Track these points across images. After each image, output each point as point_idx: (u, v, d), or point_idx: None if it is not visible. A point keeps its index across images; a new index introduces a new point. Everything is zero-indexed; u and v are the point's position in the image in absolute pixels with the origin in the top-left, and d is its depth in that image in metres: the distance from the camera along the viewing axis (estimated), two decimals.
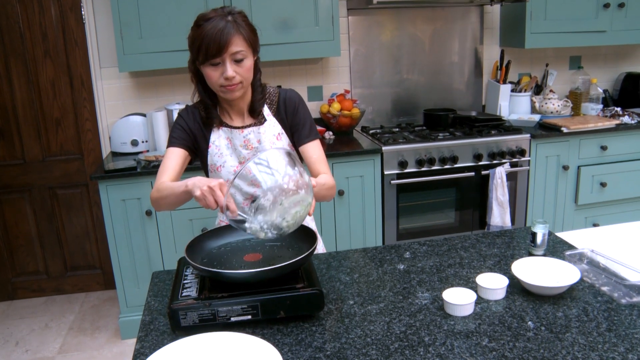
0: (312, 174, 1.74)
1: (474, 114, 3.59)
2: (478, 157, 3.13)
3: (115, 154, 3.17)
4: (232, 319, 1.31)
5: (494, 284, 1.43)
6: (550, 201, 3.32)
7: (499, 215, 3.17)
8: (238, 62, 1.57)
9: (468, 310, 1.36)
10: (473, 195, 3.22)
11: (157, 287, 1.59)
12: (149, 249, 2.92)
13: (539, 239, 1.61)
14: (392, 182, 3.07)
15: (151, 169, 2.82)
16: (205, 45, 1.54)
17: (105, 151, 3.31)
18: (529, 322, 1.32)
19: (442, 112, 3.43)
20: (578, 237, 1.82)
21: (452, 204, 3.23)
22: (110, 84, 3.24)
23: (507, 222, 3.17)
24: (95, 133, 3.31)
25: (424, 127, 3.47)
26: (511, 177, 3.18)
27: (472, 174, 3.16)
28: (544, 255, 1.63)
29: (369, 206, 3.08)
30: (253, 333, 1.31)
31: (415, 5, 3.49)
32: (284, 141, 1.75)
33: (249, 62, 1.60)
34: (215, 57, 1.55)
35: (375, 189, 3.07)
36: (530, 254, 1.64)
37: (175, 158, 1.69)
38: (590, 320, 1.32)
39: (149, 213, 2.86)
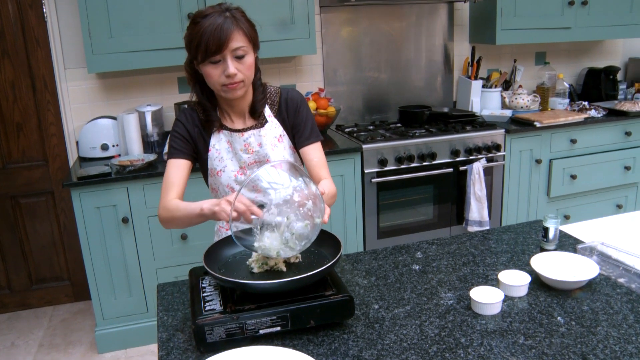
0: (313, 178, 1.67)
1: (446, 110, 3.63)
2: (455, 153, 3.16)
3: (83, 159, 3.01)
4: (261, 331, 1.25)
5: (516, 280, 1.43)
6: (524, 194, 3.39)
7: (477, 210, 3.21)
8: (239, 58, 1.51)
9: (496, 308, 1.36)
10: (451, 191, 3.25)
11: (165, 300, 1.51)
12: (125, 257, 2.79)
13: (551, 234, 1.63)
14: (372, 180, 3.05)
15: (126, 174, 2.69)
16: (205, 43, 1.47)
17: (73, 157, 3.14)
18: (559, 318, 1.32)
19: (417, 109, 3.44)
20: (579, 230, 1.85)
21: (431, 200, 3.25)
22: (76, 86, 3.07)
23: (485, 217, 3.21)
24: (61, 138, 3.13)
25: (399, 125, 3.48)
26: (487, 172, 3.23)
27: (450, 170, 3.19)
28: (556, 249, 1.65)
29: (350, 205, 3.05)
30: (283, 345, 1.26)
31: (386, 3, 3.49)
32: (286, 143, 1.69)
33: (250, 59, 1.54)
34: (215, 54, 1.48)
35: (356, 187, 3.05)
36: (542, 249, 1.65)
37: (179, 171, 1.61)
38: (616, 313, 1.34)
39: (125, 220, 2.73)
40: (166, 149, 2.85)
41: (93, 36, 2.71)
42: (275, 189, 1.33)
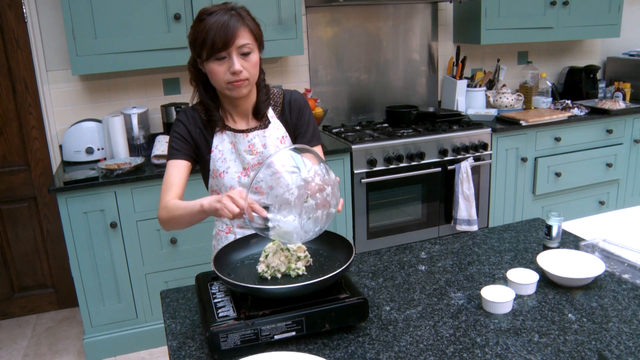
0: None
1: (431, 109, 3.65)
2: (443, 152, 3.18)
3: (67, 164, 2.94)
4: (276, 337, 1.23)
5: (525, 279, 1.44)
6: (510, 192, 3.43)
7: (465, 209, 3.23)
8: (245, 55, 1.49)
9: (508, 307, 1.36)
10: (439, 190, 3.26)
11: (171, 307, 1.48)
12: (114, 263, 2.73)
13: (554, 232, 1.64)
14: (362, 180, 3.05)
15: (114, 178, 2.63)
16: (211, 39, 1.45)
17: (56, 161, 3.06)
18: (570, 315, 1.33)
19: (404, 109, 3.45)
20: (576, 227, 1.87)
21: (419, 199, 3.26)
22: (58, 88, 3.00)
23: (473, 216, 3.24)
24: (43, 142, 3.05)
25: (386, 125, 3.48)
26: (474, 170, 3.25)
27: (439, 169, 3.20)
28: (559, 247, 1.66)
29: None
30: (298, 350, 1.24)
31: (371, 3, 3.49)
32: (288, 144, 1.68)
33: (255, 57, 1.52)
34: (221, 50, 1.46)
35: (345, 188, 3.05)
36: (546, 247, 1.67)
37: (178, 172, 1.58)
38: (625, 309, 1.35)
39: (113, 225, 2.67)
40: (154, 152, 2.82)
41: (77, 37, 2.64)
42: (299, 169, 1.31)
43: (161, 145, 2.84)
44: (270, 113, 1.66)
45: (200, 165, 1.69)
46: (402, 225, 3.26)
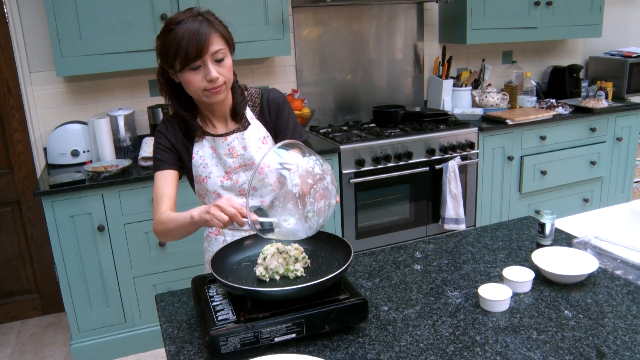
0: None
1: (418, 109, 3.66)
2: (431, 152, 3.20)
3: (52, 167, 2.89)
4: (276, 339, 1.22)
5: (521, 276, 1.45)
6: (497, 191, 3.46)
7: (453, 208, 3.25)
8: (219, 61, 1.47)
9: (505, 305, 1.37)
10: (427, 189, 3.28)
11: (166, 311, 1.46)
12: (101, 267, 2.70)
13: (547, 230, 1.66)
14: (350, 181, 3.05)
15: (101, 181, 2.60)
16: (184, 49, 1.41)
17: (40, 164, 3.01)
18: (566, 312, 1.35)
19: (391, 109, 3.46)
20: (566, 224, 1.89)
21: (407, 199, 3.27)
22: (42, 90, 2.95)
23: (461, 214, 3.26)
24: (27, 144, 2.99)
25: (373, 125, 3.49)
26: (461, 169, 3.27)
27: (427, 168, 3.22)
28: (551, 244, 1.68)
29: None
30: (298, 352, 1.23)
31: (357, 3, 3.50)
32: (270, 144, 1.66)
33: (229, 61, 1.51)
34: (196, 59, 1.43)
35: None
36: (539, 245, 1.68)
37: (167, 183, 1.57)
38: (619, 304, 1.37)
39: (101, 228, 2.63)
40: (141, 154, 2.79)
41: (62, 38, 2.60)
42: (295, 165, 1.28)
43: (148, 147, 2.81)
44: (250, 114, 1.65)
45: (186, 173, 1.67)
46: (390, 225, 3.27)
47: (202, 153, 1.61)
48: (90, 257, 2.67)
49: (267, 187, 1.64)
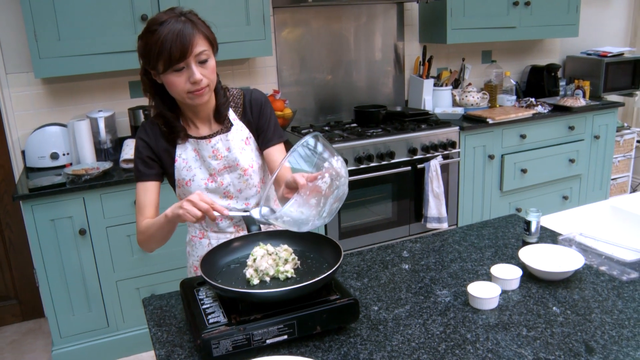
0: (278, 179, 1.54)
1: (399, 109, 3.68)
2: (413, 151, 3.22)
3: (31, 170, 2.83)
4: (268, 341, 1.21)
5: (508, 274, 1.47)
6: (479, 190, 3.49)
7: (435, 207, 3.27)
8: (202, 63, 1.45)
9: (494, 303, 1.38)
10: (409, 188, 3.30)
11: (155, 315, 1.44)
12: (83, 271, 2.65)
13: (533, 227, 1.68)
14: None
15: (82, 183, 2.56)
16: (167, 51, 1.39)
17: (18, 167, 2.95)
18: (554, 308, 1.36)
19: (373, 109, 3.47)
20: (550, 221, 1.92)
21: (390, 198, 3.28)
22: (19, 92, 2.89)
23: (443, 213, 3.29)
24: (4, 147, 2.93)
25: (355, 125, 3.50)
26: (443, 169, 3.30)
27: (409, 168, 3.24)
28: (537, 242, 1.70)
29: None
30: (291, 354, 1.23)
31: (338, 3, 3.50)
32: (252, 145, 1.65)
33: (212, 62, 1.49)
34: (179, 61, 1.41)
35: None
36: (525, 242, 1.70)
37: (147, 194, 1.57)
38: (605, 300, 1.39)
39: (82, 232, 2.59)
40: (122, 157, 2.75)
41: (40, 39, 2.56)
42: (330, 160, 1.25)
43: (130, 149, 2.78)
44: (232, 115, 1.63)
45: (168, 177, 1.65)
46: (373, 225, 3.28)
47: (185, 156, 1.60)
48: (72, 261, 2.62)
49: (252, 189, 1.64)
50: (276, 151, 1.65)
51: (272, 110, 1.69)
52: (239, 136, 1.62)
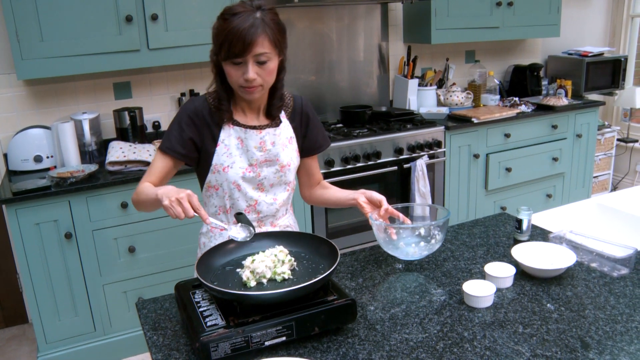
0: (313, 181, 1.86)
1: (384, 109, 3.69)
2: (399, 151, 3.23)
3: (14, 173, 2.78)
4: (267, 343, 1.21)
5: (502, 272, 1.48)
6: (464, 189, 3.52)
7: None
8: (261, 64, 1.47)
9: (489, 301, 1.39)
10: (396, 188, 3.31)
11: (150, 318, 1.42)
12: (69, 275, 2.61)
13: (525, 225, 1.69)
14: None
15: (67, 186, 2.52)
16: (229, 42, 1.42)
17: (0, 171, 2.89)
18: (549, 305, 1.38)
19: (359, 109, 3.47)
20: (538, 219, 1.94)
21: None
22: (0, 94, 2.82)
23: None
24: None
25: (340, 125, 3.50)
26: (429, 168, 3.32)
27: (395, 168, 3.25)
28: (529, 240, 1.72)
29: (298, 208, 3.02)
30: (289, 355, 1.22)
31: (322, 4, 3.50)
32: (294, 145, 1.69)
33: (272, 65, 1.50)
34: (237, 56, 1.44)
35: None
36: (516, 240, 1.72)
37: (162, 165, 1.60)
38: (597, 296, 1.41)
39: (68, 236, 2.55)
40: (108, 159, 2.70)
41: (22, 40, 2.51)
42: None
43: (115, 152, 2.74)
44: (282, 113, 1.67)
45: (201, 160, 1.64)
46: (360, 225, 3.28)
47: (227, 142, 1.60)
48: (57, 265, 2.58)
49: (283, 186, 1.71)
50: (315, 157, 1.80)
51: (319, 119, 1.77)
52: (285, 134, 1.66)
